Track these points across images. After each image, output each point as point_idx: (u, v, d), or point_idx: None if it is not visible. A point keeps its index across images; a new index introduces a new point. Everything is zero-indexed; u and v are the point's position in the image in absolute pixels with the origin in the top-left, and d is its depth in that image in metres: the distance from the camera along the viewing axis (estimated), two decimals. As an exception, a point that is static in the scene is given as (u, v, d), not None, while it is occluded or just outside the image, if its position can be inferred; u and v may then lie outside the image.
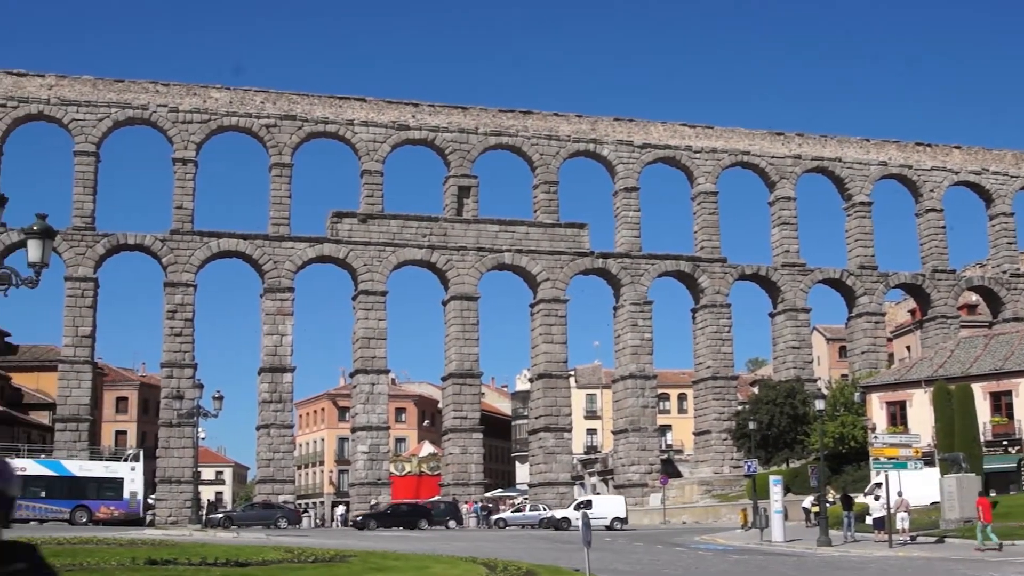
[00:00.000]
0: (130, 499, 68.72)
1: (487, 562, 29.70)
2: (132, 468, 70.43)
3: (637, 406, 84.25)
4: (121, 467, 70.11)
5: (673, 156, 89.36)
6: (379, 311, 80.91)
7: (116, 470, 69.74)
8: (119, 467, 70.08)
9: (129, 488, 69.47)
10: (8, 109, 78.21)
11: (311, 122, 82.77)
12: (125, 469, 69.97)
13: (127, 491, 69.14)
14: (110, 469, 69.83)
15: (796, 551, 44.89)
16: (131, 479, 69.88)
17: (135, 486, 70.05)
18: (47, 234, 23.11)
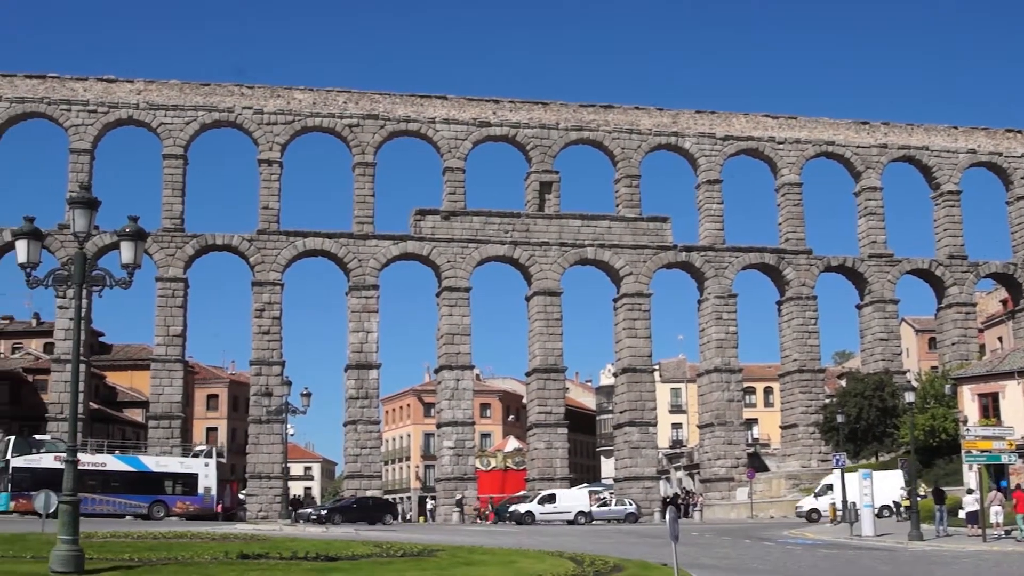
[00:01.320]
0: (204, 494, 69.98)
1: (574, 556, 29.77)
2: (206, 464, 71.70)
3: (723, 400, 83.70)
4: (195, 463, 71.38)
5: (756, 148, 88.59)
6: (463, 307, 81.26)
7: (191, 466, 71.04)
8: (193, 463, 71.35)
9: (203, 483, 70.73)
10: (99, 115, 79.76)
11: (393, 121, 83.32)
12: (199, 465, 71.25)
13: (201, 486, 70.42)
14: (185, 465, 71.11)
15: (887, 545, 44.40)
16: (205, 475, 71.13)
17: (209, 481, 71.28)
18: (139, 236, 23.62)
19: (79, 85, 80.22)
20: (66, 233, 73.62)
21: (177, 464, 71.20)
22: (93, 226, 23.57)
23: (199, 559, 25.39)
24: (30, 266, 23.15)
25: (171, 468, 70.61)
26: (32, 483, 63.24)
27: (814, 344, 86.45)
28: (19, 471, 64.38)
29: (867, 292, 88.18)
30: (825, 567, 33.52)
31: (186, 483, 70.25)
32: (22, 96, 79.19)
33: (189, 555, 26.32)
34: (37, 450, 66.37)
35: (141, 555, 25.94)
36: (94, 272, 23.46)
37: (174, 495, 69.25)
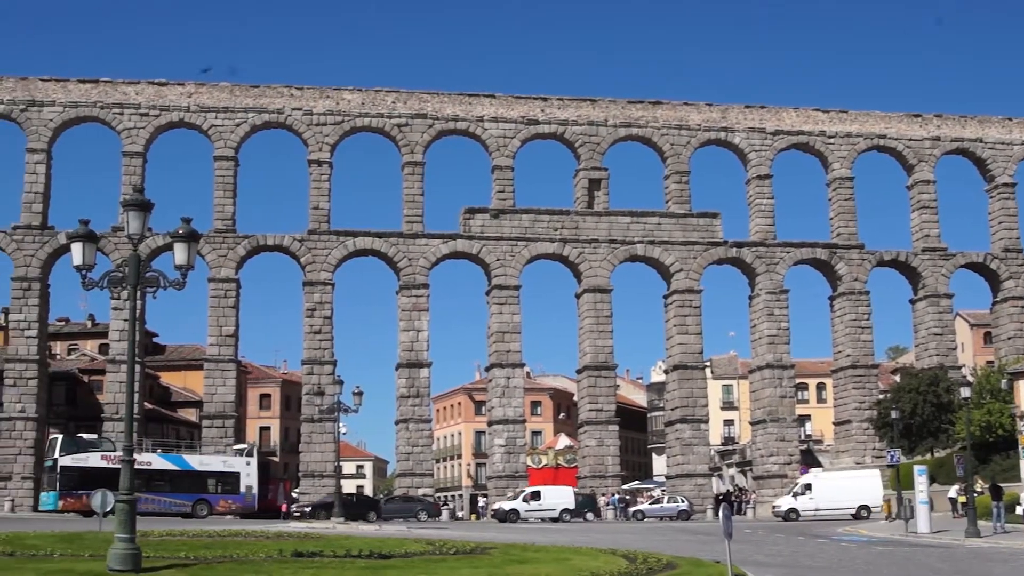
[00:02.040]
0: (246, 493, 70.38)
1: (627, 554, 29.72)
2: (247, 463, 72.10)
3: (775, 396, 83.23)
4: (237, 462, 71.78)
5: (806, 142, 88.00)
6: (513, 305, 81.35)
7: (233, 464, 71.44)
8: (235, 462, 71.73)
9: (245, 482, 71.17)
10: (151, 118, 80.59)
11: (441, 120, 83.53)
12: (241, 464, 71.66)
13: (243, 485, 70.81)
14: (227, 464, 71.53)
15: (943, 542, 43.95)
16: (247, 473, 71.56)
17: (250, 480, 71.73)
18: (192, 237, 23.83)
19: (131, 89, 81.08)
20: (120, 235, 74.43)
21: (220, 463, 71.60)
22: (147, 228, 23.81)
23: (254, 557, 25.58)
24: (85, 268, 23.42)
25: (213, 467, 71.00)
26: (80, 482, 63.82)
27: (867, 339, 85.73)
28: (67, 470, 64.82)
29: (921, 286, 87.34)
30: (881, 564, 33.22)
31: (228, 482, 70.61)
32: (75, 101, 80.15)
33: (244, 553, 26.53)
34: (84, 449, 66.75)
35: (196, 553, 26.18)
36: (148, 274, 23.69)
37: (217, 493, 69.49)
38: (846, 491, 72.37)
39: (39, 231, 78.12)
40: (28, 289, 77.30)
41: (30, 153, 79.21)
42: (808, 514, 71.04)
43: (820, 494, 71.73)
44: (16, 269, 77.50)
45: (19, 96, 79.73)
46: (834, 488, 72.36)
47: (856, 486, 72.67)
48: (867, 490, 72.08)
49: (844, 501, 71.88)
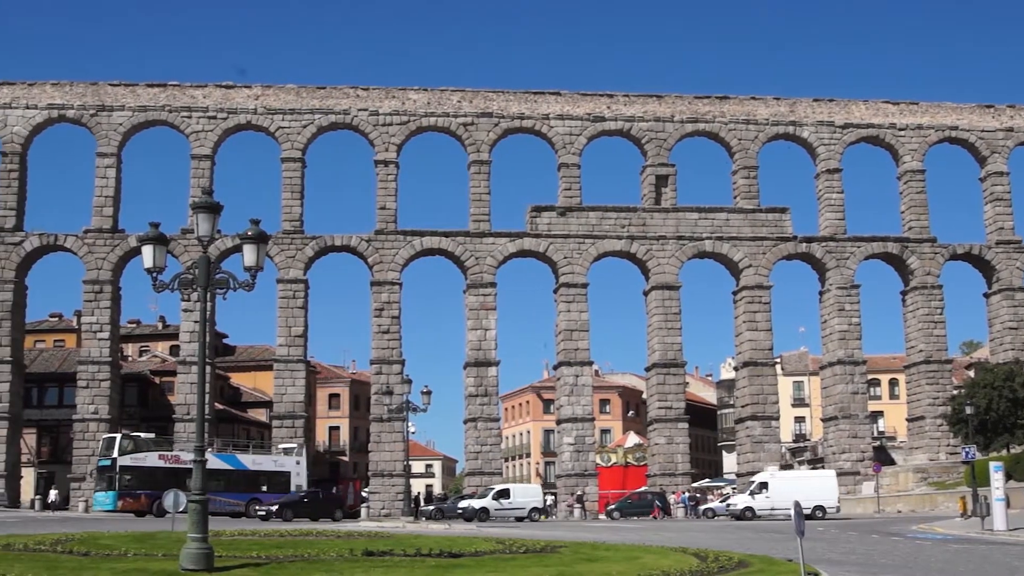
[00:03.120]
0: (296, 492, 70.41)
1: (698, 552, 29.49)
2: (297, 462, 72.24)
3: (846, 392, 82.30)
4: (288, 461, 71.89)
5: (876, 135, 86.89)
6: (580, 303, 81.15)
7: (283, 464, 71.57)
8: (286, 461, 71.85)
9: (295, 481, 71.27)
10: (219, 120, 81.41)
11: (507, 118, 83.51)
12: (291, 463, 71.76)
13: (293, 484, 70.90)
14: (278, 463, 71.65)
15: (1020, 540, 43.13)
16: (296, 473, 71.71)
17: (300, 479, 71.87)
18: (261, 239, 23.94)
19: (199, 92, 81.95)
20: (189, 237, 75.31)
21: (271, 462, 71.78)
22: (216, 230, 23.95)
23: (325, 556, 25.67)
24: (156, 270, 23.62)
25: (265, 466, 71.10)
26: (138, 482, 64.20)
27: (940, 334, 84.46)
28: (125, 470, 64.57)
29: (995, 280, 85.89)
30: (957, 563, 32.64)
31: (279, 481, 70.69)
32: (144, 105, 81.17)
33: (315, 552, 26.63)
34: (142, 448, 66.66)
35: (268, 553, 26.32)
36: (218, 275, 23.83)
37: (269, 493, 69.36)
38: (802, 491, 71.77)
39: (110, 234, 79.18)
40: (100, 292, 78.37)
41: (100, 157, 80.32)
42: (764, 513, 70.67)
43: (776, 494, 71.04)
44: (88, 272, 78.61)
45: (89, 101, 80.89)
46: (790, 488, 71.78)
47: (812, 486, 72.30)
48: (823, 491, 71.77)
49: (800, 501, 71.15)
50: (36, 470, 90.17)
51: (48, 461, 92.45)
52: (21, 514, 66.60)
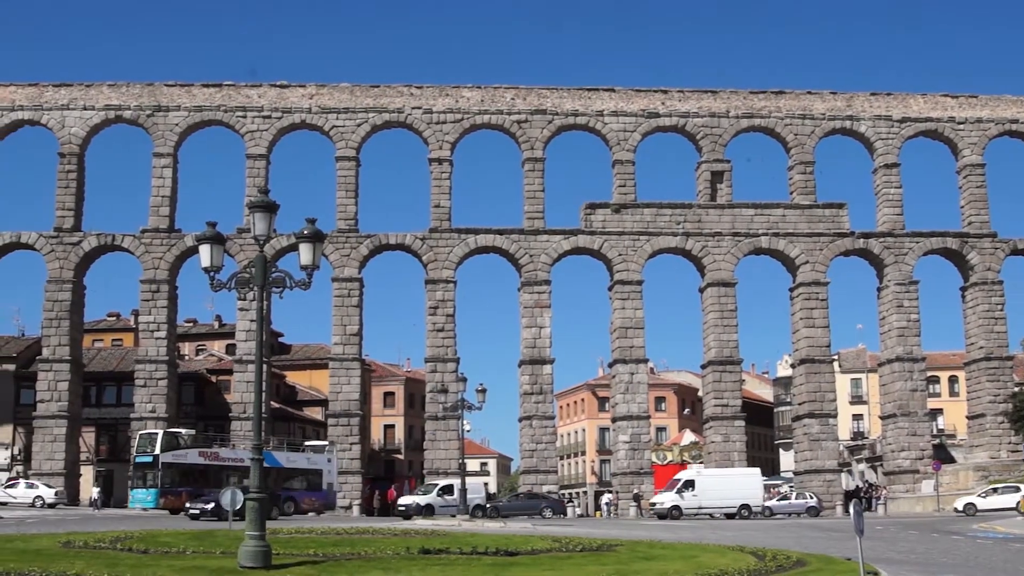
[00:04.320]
0: (328, 490, 70.50)
1: (755, 551, 29.27)
2: (328, 460, 72.31)
3: (905, 390, 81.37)
4: (320, 459, 71.88)
5: (935, 129, 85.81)
6: (635, 300, 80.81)
7: (316, 462, 71.56)
8: (319, 459, 71.88)
9: (327, 479, 71.32)
10: (273, 120, 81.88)
11: (561, 115, 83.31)
12: (323, 461, 71.79)
13: (325, 482, 70.97)
14: (312, 461, 71.63)
15: (1085, 539, 42.43)
16: (328, 471, 71.72)
17: (331, 477, 71.91)
18: (317, 237, 24.00)
19: (254, 92, 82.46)
20: (245, 237, 75.80)
21: (304, 460, 71.72)
22: (272, 229, 24.04)
23: (381, 554, 25.73)
24: (213, 270, 23.76)
25: (299, 464, 70.94)
26: (180, 479, 64.29)
27: (1001, 330, 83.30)
28: (168, 467, 63.67)
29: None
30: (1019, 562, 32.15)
31: (312, 479, 70.72)
32: (200, 105, 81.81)
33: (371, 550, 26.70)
34: (184, 445, 66.33)
35: (325, 550, 26.45)
36: (274, 274, 23.93)
37: (303, 491, 69.28)
38: (728, 490, 71.41)
39: (167, 234, 79.88)
40: (157, 291, 79.08)
41: (157, 158, 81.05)
42: (691, 512, 69.98)
43: (703, 492, 70.55)
44: (145, 272, 79.34)
45: (146, 102, 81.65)
46: (717, 486, 71.21)
47: (738, 484, 71.81)
48: (748, 489, 71.48)
49: (726, 499, 71.23)
50: (94, 468, 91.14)
51: (106, 460, 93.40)
52: (80, 512, 67.35)
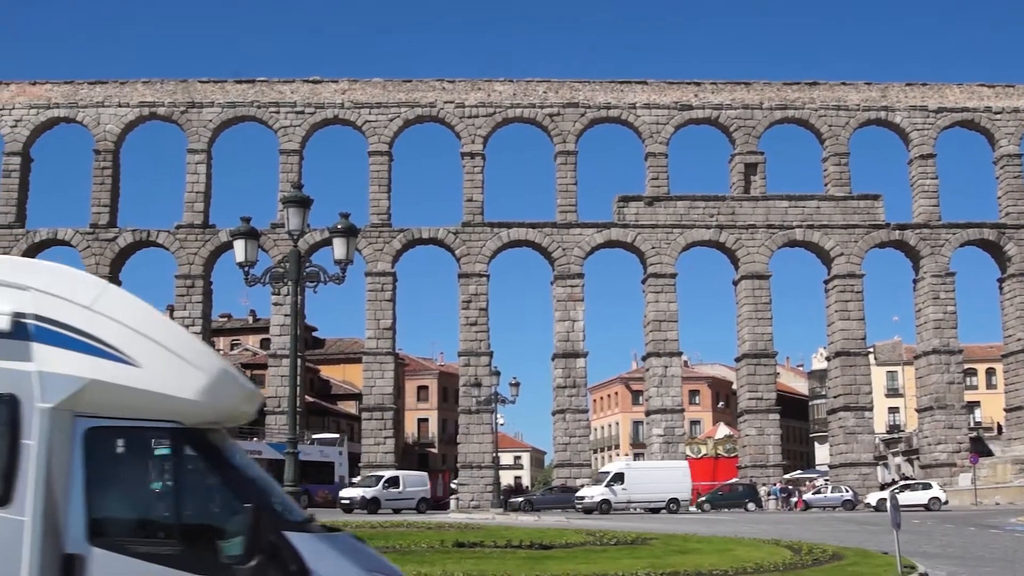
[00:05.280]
0: (339, 483, 70.41)
1: (791, 545, 29.14)
2: (340, 452, 72.32)
3: (942, 382, 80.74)
4: (331, 451, 71.99)
5: (972, 119, 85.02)
6: (669, 293, 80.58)
7: (328, 455, 71.65)
8: (330, 451, 71.95)
9: (338, 472, 71.36)
10: (306, 115, 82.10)
11: (593, 108, 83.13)
12: (335, 453, 71.84)
13: (336, 475, 70.98)
14: (324, 454, 71.72)
15: (1125, 533, 42.03)
16: (339, 463, 71.77)
17: (343, 470, 72.07)
18: (351, 232, 24.06)
19: (286, 88, 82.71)
20: (279, 232, 75.98)
21: (317, 453, 71.80)
22: (306, 224, 24.11)
23: (416, 548, 25.76)
24: (248, 265, 23.84)
25: (312, 456, 70.96)
26: None
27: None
28: None
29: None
30: (1060, 556, 31.85)
31: (324, 472, 70.66)
32: (233, 101, 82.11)
33: (406, 544, 26.74)
34: None
35: (359, 544, 26.41)
36: (308, 269, 23.99)
37: (316, 483, 69.34)
38: (657, 483, 70.60)
39: (201, 229, 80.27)
40: (192, 286, 79.49)
41: (191, 154, 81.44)
42: (620, 506, 69.23)
43: (632, 485, 69.88)
44: (180, 267, 79.76)
45: (179, 99, 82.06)
46: (646, 479, 70.51)
47: (667, 478, 71.11)
48: (676, 482, 70.95)
49: (656, 493, 70.61)
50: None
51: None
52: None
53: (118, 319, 8.85)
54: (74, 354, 8.63)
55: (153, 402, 8.74)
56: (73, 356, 8.62)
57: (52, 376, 8.55)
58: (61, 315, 8.73)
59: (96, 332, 8.74)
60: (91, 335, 8.72)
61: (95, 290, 9.01)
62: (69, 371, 8.58)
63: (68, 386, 8.55)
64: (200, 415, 9.01)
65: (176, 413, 8.84)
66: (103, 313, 8.83)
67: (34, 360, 8.60)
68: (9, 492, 8.38)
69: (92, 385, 8.59)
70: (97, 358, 8.65)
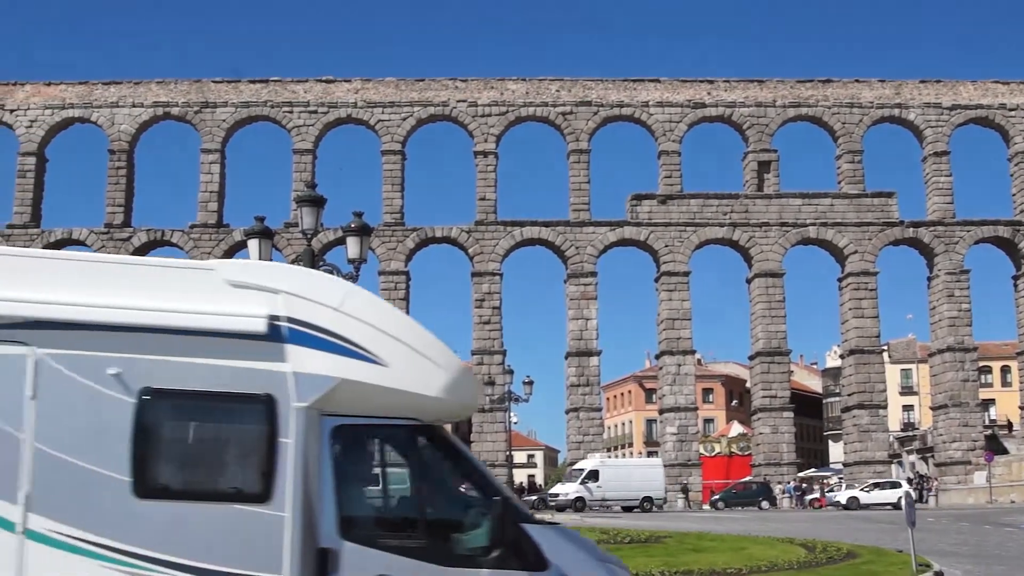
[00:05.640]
0: None
1: (805, 543, 29.12)
2: None
3: (956, 380, 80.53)
4: None
5: (986, 116, 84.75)
6: (682, 292, 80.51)
7: None
8: None
9: None
10: (319, 114, 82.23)
11: (606, 106, 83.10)
12: None
13: None
14: None
15: None
16: None
17: None
18: (364, 231, 24.14)
19: (299, 87, 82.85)
20: (293, 231, 76.05)
21: None
22: (319, 223, 24.19)
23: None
24: (261, 263, 23.87)
25: None
26: None
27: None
28: None
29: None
30: (1076, 554, 31.76)
31: None
32: (247, 101, 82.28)
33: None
34: None
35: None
36: (322, 267, 24.05)
37: None
38: (632, 481, 70.36)
39: (215, 229, 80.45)
40: (207, 286, 79.49)
41: (205, 153, 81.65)
42: (595, 504, 68.91)
43: (607, 483, 69.62)
44: (195, 266, 79.80)
45: (193, 98, 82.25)
46: (621, 477, 70.33)
47: (641, 476, 71.10)
48: (651, 480, 70.78)
49: (630, 491, 70.13)
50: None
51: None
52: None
53: (365, 319, 9.31)
54: (325, 354, 9.06)
55: (398, 400, 9.20)
56: (324, 356, 9.06)
57: (306, 376, 8.97)
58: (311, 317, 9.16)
59: (344, 333, 9.17)
60: (340, 336, 9.15)
61: (342, 292, 9.50)
62: (321, 371, 9.01)
63: (321, 385, 8.98)
64: (439, 412, 9.53)
65: (418, 410, 9.31)
66: (350, 314, 9.27)
67: (288, 361, 9.01)
68: (269, 489, 8.78)
69: (342, 384, 9.02)
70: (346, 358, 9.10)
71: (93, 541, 8.56)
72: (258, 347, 8.96)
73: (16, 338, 8.77)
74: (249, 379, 8.92)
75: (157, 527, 8.63)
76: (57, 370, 8.78)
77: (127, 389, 8.79)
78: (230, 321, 8.97)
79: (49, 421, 8.71)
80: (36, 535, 8.57)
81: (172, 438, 9.06)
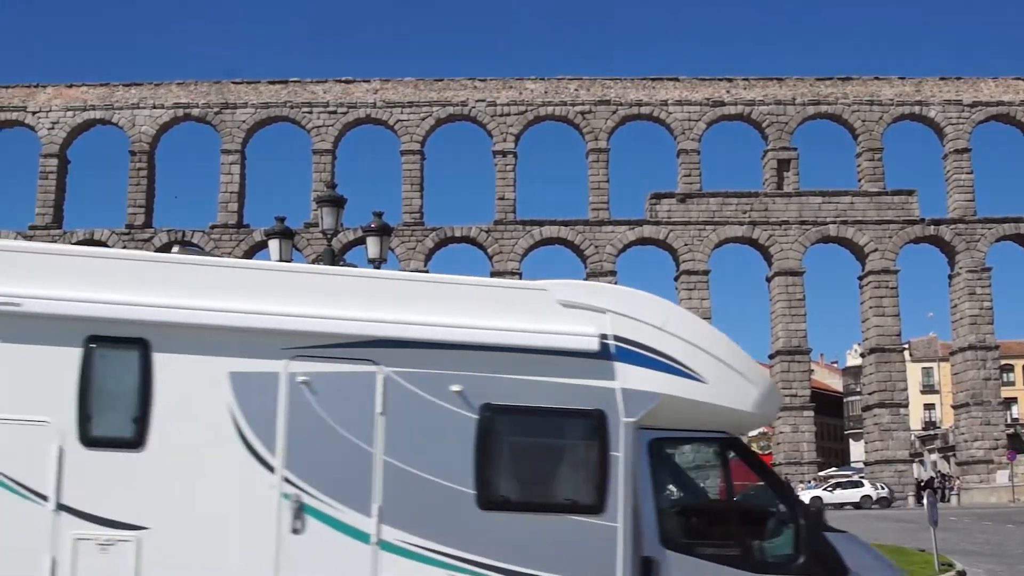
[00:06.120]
0: None
1: (828, 543, 28.95)
2: None
3: (978, 379, 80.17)
4: None
5: (1007, 113, 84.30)
6: (702, 290, 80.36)
7: None
8: None
9: None
10: (339, 115, 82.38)
11: (625, 105, 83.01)
12: None
13: None
14: None
15: None
16: None
17: None
18: (384, 231, 24.18)
19: (319, 88, 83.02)
20: (313, 231, 76.21)
21: None
22: (339, 223, 24.24)
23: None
24: (282, 264, 23.92)
25: None
26: None
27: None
28: None
29: None
30: (1100, 554, 31.58)
31: None
32: (266, 102, 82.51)
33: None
34: None
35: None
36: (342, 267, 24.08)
37: None
38: None
39: (235, 229, 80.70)
40: (228, 286, 79.69)
41: (225, 154, 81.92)
42: None
43: None
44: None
45: (213, 99, 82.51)
46: None
47: None
48: None
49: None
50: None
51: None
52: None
53: (685, 337, 9.72)
54: (649, 371, 9.54)
55: (714, 415, 9.65)
56: (649, 373, 9.54)
57: (633, 392, 9.45)
58: (637, 335, 9.61)
59: (667, 350, 9.62)
60: (663, 353, 9.61)
61: (664, 311, 9.93)
62: (646, 387, 9.48)
63: (646, 401, 9.45)
64: (746, 425, 10.13)
65: (729, 424, 9.80)
66: (672, 332, 9.70)
67: (617, 378, 9.49)
68: (603, 501, 9.26)
69: (665, 400, 9.48)
70: (669, 375, 9.56)
71: (441, 551, 9.01)
72: (590, 365, 9.40)
73: (366, 356, 9.17)
74: (582, 395, 9.37)
75: (499, 538, 9.07)
76: (404, 387, 9.21)
77: (469, 405, 9.23)
78: (565, 340, 9.40)
79: (397, 436, 9.14)
80: (389, 545, 8.99)
81: (512, 452, 9.47)
